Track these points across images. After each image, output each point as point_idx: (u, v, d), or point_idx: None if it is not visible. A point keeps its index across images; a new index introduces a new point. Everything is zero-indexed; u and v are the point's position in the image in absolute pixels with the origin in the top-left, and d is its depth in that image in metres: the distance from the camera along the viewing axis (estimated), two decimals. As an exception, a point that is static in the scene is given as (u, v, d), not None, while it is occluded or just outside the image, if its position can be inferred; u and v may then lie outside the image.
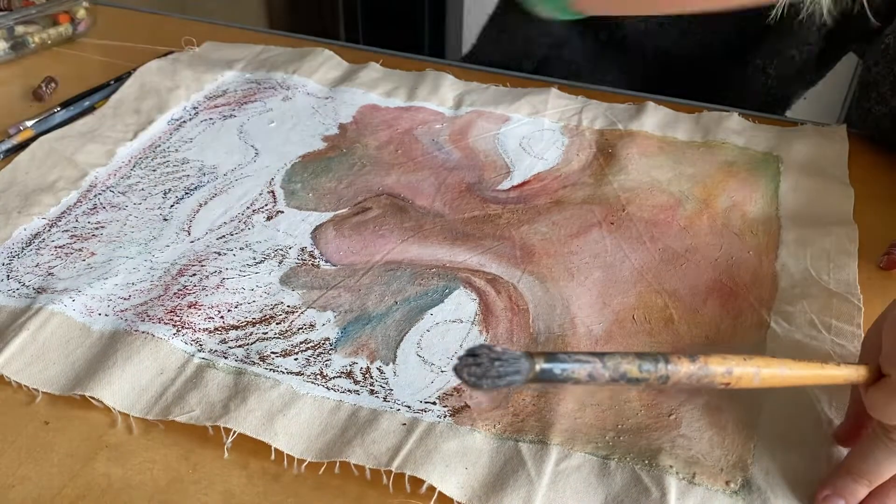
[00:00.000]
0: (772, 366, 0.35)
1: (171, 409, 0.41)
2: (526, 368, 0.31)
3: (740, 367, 0.34)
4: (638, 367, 0.32)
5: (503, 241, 0.53)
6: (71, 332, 0.46)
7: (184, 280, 0.49)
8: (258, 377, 0.43)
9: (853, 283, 0.49)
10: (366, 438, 0.39)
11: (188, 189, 0.58)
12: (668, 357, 0.33)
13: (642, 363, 0.32)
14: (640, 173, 0.59)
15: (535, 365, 0.31)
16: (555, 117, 0.66)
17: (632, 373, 0.32)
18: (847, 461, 0.37)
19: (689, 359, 0.33)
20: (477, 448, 0.39)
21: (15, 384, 0.43)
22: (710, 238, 0.53)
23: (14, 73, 0.73)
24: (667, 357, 0.33)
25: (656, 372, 0.32)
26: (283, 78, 0.71)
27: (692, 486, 0.38)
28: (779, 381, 0.35)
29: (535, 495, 0.37)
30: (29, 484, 0.38)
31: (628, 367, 0.32)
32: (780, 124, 0.66)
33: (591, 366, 0.31)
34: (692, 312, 0.48)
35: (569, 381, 0.31)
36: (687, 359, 0.33)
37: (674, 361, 0.33)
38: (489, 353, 0.31)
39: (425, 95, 0.69)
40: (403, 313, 0.47)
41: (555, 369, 0.31)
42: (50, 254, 0.52)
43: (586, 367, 0.31)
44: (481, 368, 0.31)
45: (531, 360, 0.31)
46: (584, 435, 0.40)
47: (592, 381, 0.32)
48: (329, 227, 0.54)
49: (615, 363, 0.32)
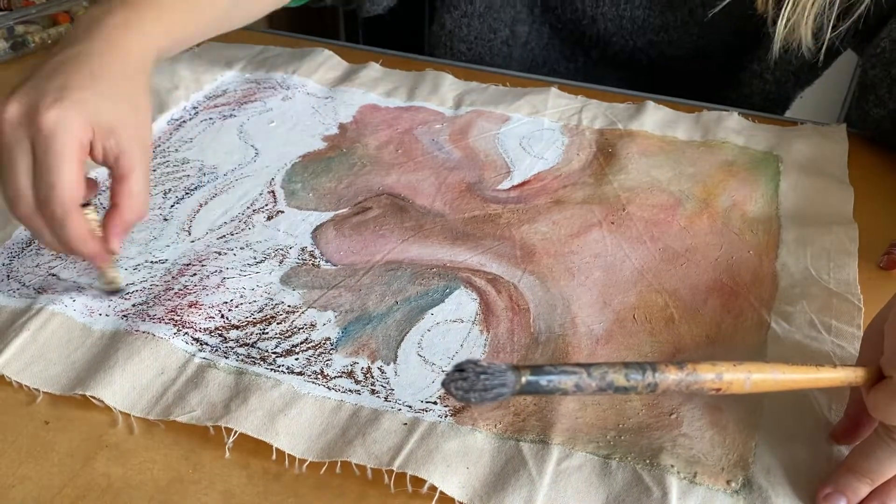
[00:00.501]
0: (763, 371, 0.35)
1: (171, 409, 0.41)
2: (512, 381, 0.31)
3: (730, 373, 0.34)
4: (625, 375, 0.32)
5: (503, 241, 0.53)
6: (72, 332, 0.46)
7: (184, 280, 0.49)
8: (259, 377, 0.43)
9: (853, 282, 0.49)
10: (367, 438, 0.39)
11: (188, 189, 0.58)
12: (655, 365, 0.33)
13: (629, 372, 0.32)
14: (640, 173, 0.59)
15: (521, 377, 0.31)
16: (554, 117, 0.66)
17: (619, 381, 0.32)
18: (849, 460, 0.37)
19: (677, 366, 0.33)
20: (478, 448, 0.39)
21: (16, 384, 0.43)
22: (710, 237, 0.53)
23: (14, 73, 0.73)
24: (654, 365, 0.33)
25: (643, 380, 0.33)
26: (283, 78, 0.71)
27: (693, 485, 0.38)
28: (770, 385, 0.35)
29: (536, 495, 0.37)
30: (29, 484, 0.38)
31: (615, 376, 0.32)
32: (779, 124, 0.66)
33: (578, 377, 0.32)
34: (693, 312, 0.48)
35: (556, 391, 0.32)
36: (675, 366, 0.33)
37: (661, 370, 0.33)
38: (475, 367, 0.32)
39: (425, 95, 0.69)
40: (404, 313, 0.47)
41: (541, 381, 0.32)
42: (50, 254, 0.51)
43: (573, 378, 0.32)
44: (468, 382, 0.31)
45: (517, 372, 0.32)
46: (585, 434, 0.40)
47: (580, 392, 0.32)
48: (329, 227, 0.54)
49: (601, 373, 0.32)
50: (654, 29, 0.73)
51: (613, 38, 0.75)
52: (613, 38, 0.75)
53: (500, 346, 0.45)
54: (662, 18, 0.72)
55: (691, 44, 0.73)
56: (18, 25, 0.75)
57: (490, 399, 0.31)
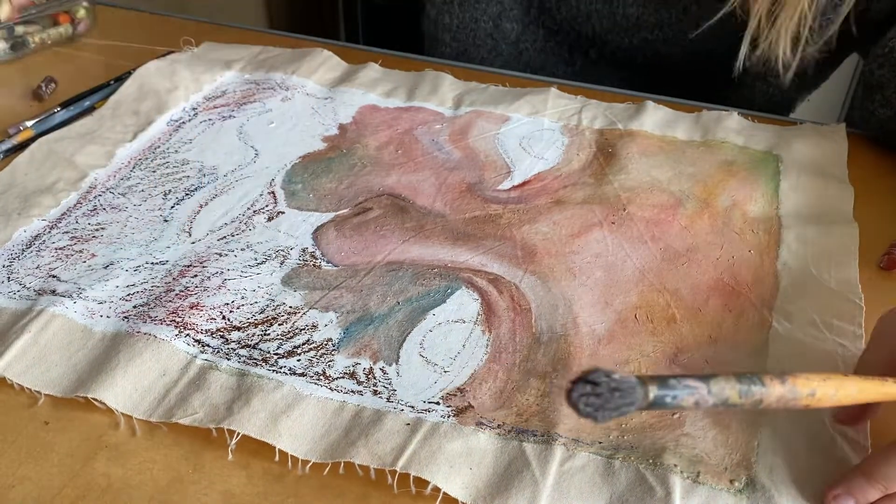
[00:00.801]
0: (846, 386, 0.34)
1: (174, 411, 0.41)
2: (640, 398, 0.30)
3: (821, 389, 0.33)
4: (738, 392, 0.31)
5: (504, 241, 0.53)
6: (73, 334, 0.45)
7: (185, 281, 0.49)
8: (261, 378, 0.43)
9: (854, 282, 0.49)
10: (370, 439, 0.39)
11: (188, 190, 0.58)
12: (762, 379, 0.32)
13: (741, 387, 0.31)
14: (641, 173, 0.60)
15: (648, 394, 0.30)
16: (554, 117, 0.66)
17: (732, 399, 0.31)
18: (864, 464, 0.37)
19: (780, 380, 0.32)
20: (481, 448, 0.39)
21: (17, 386, 0.43)
22: (710, 237, 0.53)
23: (14, 73, 0.72)
24: (762, 379, 0.32)
25: (752, 396, 0.32)
26: (283, 78, 0.71)
27: (696, 484, 0.38)
28: (850, 399, 0.35)
29: (539, 495, 0.37)
30: (29, 484, 0.38)
31: (730, 392, 0.31)
32: (779, 123, 0.66)
33: (699, 393, 0.31)
34: (694, 312, 0.48)
35: (676, 408, 0.31)
36: (778, 381, 0.32)
37: (767, 384, 0.32)
38: (608, 381, 0.29)
39: (425, 95, 0.69)
40: (406, 314, 0.47)
41: (666, 398, 0.30)
42: (50, 255, 0.51)
43: (694, 395, 0.30)
44: (601, 399, 0.29)
45: (644, 388, 0.30)
46: (588, 434, 0.40)
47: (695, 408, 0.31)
48: (330, 228, 0.54)
49: (719, 388, 0.31)
50: (648, 27, 0.73)
51: (608, 35, 0.75)
52: (608, 37, 0.75)
53: (502, 347, 0.45)
54: (657, 16, 0.72)
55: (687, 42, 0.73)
56: (18, 25, 0.74)
57: (615, 416, 0.30)
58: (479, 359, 0.44)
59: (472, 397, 0.42)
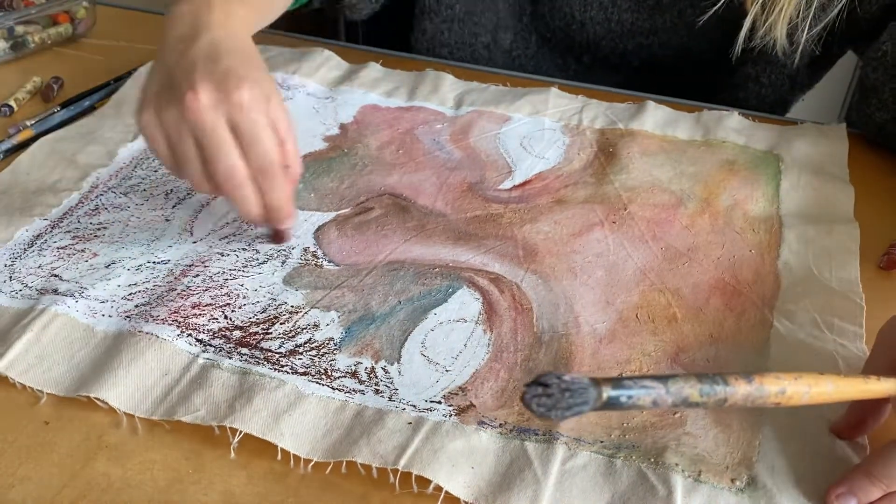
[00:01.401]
0: (820, 384, 0.35)
1: (176, 410, 0.41)
2: (593, 398, 0.31)
3: (792, 387, 0.34)
4: (699, 391, 0.32)
5: (506, 241, 0.53)
6: (75, 333, 0.45)
7: (187, 281, 0.49)
8: (263, 377, 0.43)
9: (855, 281, 0.49)
10: (372, 438, 0.39)
11: (190, 190, 0.58)
12: (726, 379, 0.32)
13: (703, 387, 0.32)
14: (642, 172, 0.60)
15: (601, 394, 0.31)
16: (555, 117, 0.66)
17: (693, 398, 0.32)
18: (866, 463, 0.37)
19: (746, 379, 0.33)
20: (483, 447, 0.39)
21: (19, 386, 0.43)
22: (711, 236, 0.53)
23: (14, 73, 0.72)
24: (725, 379, 0.32)
25: (715, 395, 0.32)
26: (283, 78, 0.71)
27: (698, 483, 0.38)
28: (825, 397, 0.35)
29: (541, 494, 0.37)
30: (29, 484, 0.38)
31: (690, 391, 0.32)
32: (780, 123, 0.66)
33: (656, 392, 0.31)
34: (695, 311, 0.48)
35: (634, 408, 0.31)
36: (744, 380, 0.33)
37: (732, 383, 0.32)
38: (559, 382, 0.31)
39: (426, 95, 0.69)
40: (407, 313, 0.47)
41: (621, 398, 0.31)
42: (52, 255, 0.51)
43: (651, 394, 0.31)
44: (552, 399, 0.31)
45: (598, 388, 0.31)
46: (589, 433, 0.40)
47: (656, 407, 0.32)
48: (332, 228, 0.54)
49: (678, 388, 0.32)
50: (643, 32, 0.73)
51: (602, 41, 0.75)
52: (602, 42, 0.75)
53: (503, 346, 0.45)
54: (651, 22, 0.72)
55: (681, 46, 0.73)
56: (18, 25, 0.74)
57: (569, 416, 0.31)
58: (481, 358, 0.45)
59: (474, 396, 0.42)
